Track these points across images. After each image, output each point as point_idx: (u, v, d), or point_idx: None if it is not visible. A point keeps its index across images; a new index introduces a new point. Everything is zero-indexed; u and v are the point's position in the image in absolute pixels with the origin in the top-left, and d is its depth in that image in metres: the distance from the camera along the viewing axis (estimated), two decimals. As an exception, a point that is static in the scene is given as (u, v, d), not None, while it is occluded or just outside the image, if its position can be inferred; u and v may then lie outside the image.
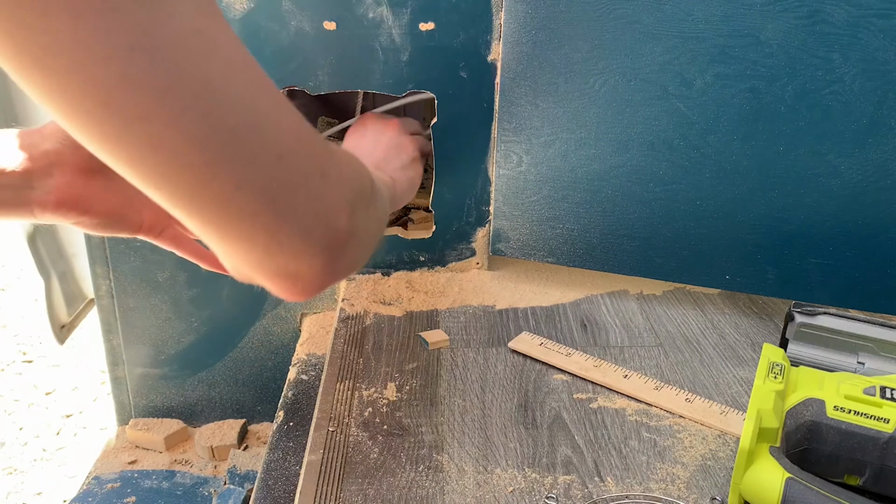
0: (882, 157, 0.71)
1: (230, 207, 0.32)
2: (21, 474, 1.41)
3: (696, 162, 0.76)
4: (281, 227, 0.34)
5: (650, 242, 0.81)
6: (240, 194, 0.31)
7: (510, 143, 0.81)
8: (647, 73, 0.73)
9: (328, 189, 0.36)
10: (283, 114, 0.33)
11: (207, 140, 0.29)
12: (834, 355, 0.63)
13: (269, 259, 0.35)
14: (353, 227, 0.38)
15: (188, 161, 0.29)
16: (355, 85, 0.79)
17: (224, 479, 0.85)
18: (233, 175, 0.31)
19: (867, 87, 0.69)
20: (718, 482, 0.56)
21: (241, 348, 0.94)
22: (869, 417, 0.52)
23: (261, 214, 0.33)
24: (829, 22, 0.67)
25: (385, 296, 0.85)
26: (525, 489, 0.55)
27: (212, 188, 0.31)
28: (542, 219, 0.83)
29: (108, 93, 0.27)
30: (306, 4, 0.75)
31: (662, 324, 0.79)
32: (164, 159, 0.29)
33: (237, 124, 0.30)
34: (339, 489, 0.55)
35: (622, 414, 0.64)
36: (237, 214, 0.32)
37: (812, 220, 0.75)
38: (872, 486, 0.53)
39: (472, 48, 0.78)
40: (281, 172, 0.33)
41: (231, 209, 0.32)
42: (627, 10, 0.72)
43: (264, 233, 0.34)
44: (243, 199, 0.32)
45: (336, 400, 0.66)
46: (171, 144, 0.29)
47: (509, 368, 0.71)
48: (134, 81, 0.27)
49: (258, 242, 0.34)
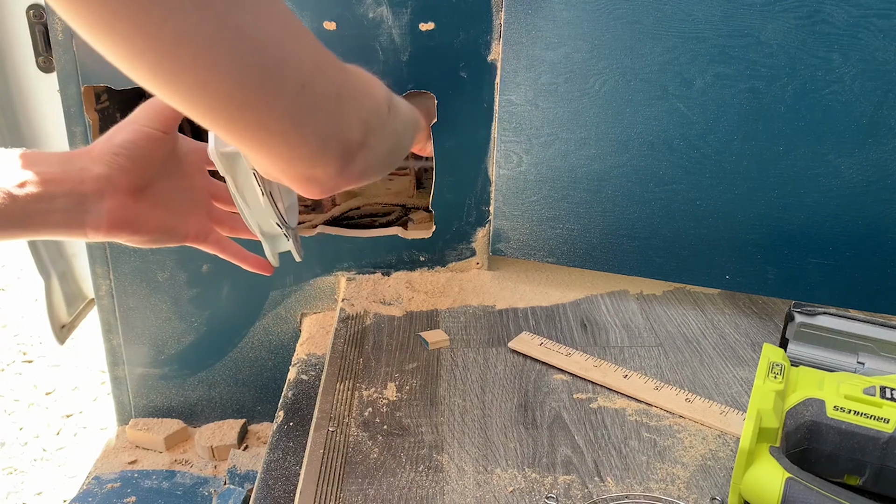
0: (882, 157, 0.71)
1: (261, 129, 0.38)
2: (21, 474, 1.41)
3: (696, 162, 0.76)
4: (302, 142, 0.40)
5: (650, 242, 0.81)
6: (269, 119, 0.38)
7: (510, 143, 0.81)
8: (647, 73, 0.73)
9: (343, 109, 0.42)
10: (305, 47, 0.39)
11: (244, 79, 0.35)
12: (834, 355, 0.63)
13: (291, 166, 0.42)
14: (365, 139, 0.45)
15: (229, 96, 0.36)
16: (355, 85, 0.79)
17: (224, 479, 0.85)
18: (264, 105, 0.37)
19: (867, 87, 0.69)
20: (718, 482, 0.56)
21: (241, 348, 0.94)
22: (869, 417, 0.52)
23: (286, 133, 0.39)
24: (829, 22, 0.67)
25: (385, 296, 0.85)
26: (525, 489, 0.55)
27: (246, 116, 0.37)
28: (542, 219, 0.83)
29: (165, 46, 0.33)
30: (306, 4, 0.75)
31: (662, 324, 0.79)
32: (210, 95, 0.36)
33: (267, 63, 0.36)
34: (339, 489, 0.55)
35: (622, 414, 0.64)
36: (266, 134, 0.39)
37: (812, 220, 0.75)
38: (872, 486, 0.53)
39: (472, 48, 0.78)
40: (303, 99, 0.39)
41: (261, 131, 0.39)
42: (627, 10, 0.72)
43: (287, 147, 0.40)
44: (273, 122, 0.38)
45: (336, 400, 0.66)
46: (215, 85, 0.35)
47: (509, 368, 0.71)
48: (185, 35, 0.33)
49: (283, 154, 0.41)
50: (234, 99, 0.36)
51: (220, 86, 0.36)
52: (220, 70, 0.35)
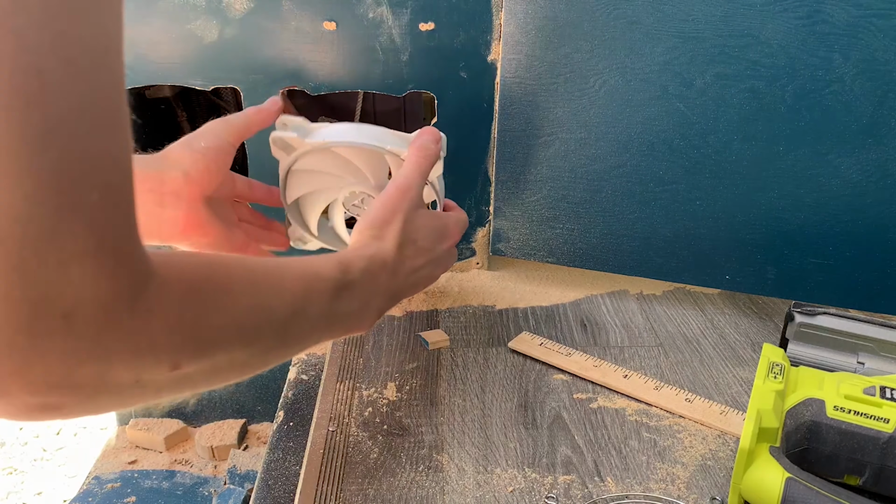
0: (882, 157, 0.71)
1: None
2: (21, 474, 1.42)
3: (696, 162, 0.76)
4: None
5: (650, 242, 0.81)
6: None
7: (510, 143, 0.81)
8: (647, 73, 0.73)
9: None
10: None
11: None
12: (834, 355, 0.63)
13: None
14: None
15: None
16: (355, 85, 0.79)
17: (224, 479, 0.85)
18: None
19: (867, 87, 0.69)
20: (718, 482, 0.56)
21: (241, 348, 0.94)
22: (869, 417, 0.52)
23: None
24: (829, 22, 0.67)
25: (385, 296, 0.85)
26: (525, 489, 0.55)
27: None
28: (542, 219, 0.83)
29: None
30: (306, 4, 0.75)
31: (662, 324, 0.79)
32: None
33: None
34: (339, 489, 0.55)
35: (622, 414, 0.64)
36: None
37: (812, 220, 0.75)
38: (872, 486, 0.53)
39: (472, 48, 0.78)
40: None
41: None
42: (627, 10, 0.72)
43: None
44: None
45: (336, 400, 0.66)
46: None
47: (509, 368, 0.71)
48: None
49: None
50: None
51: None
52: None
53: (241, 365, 0.40)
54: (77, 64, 0.28)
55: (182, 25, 0.76)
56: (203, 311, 0.36)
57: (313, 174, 0.69)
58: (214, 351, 0.37)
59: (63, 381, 0.29)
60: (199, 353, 0.36)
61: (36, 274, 0.27)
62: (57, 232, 0.28)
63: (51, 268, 0.28)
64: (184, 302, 0.34)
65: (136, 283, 0.31)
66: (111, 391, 0.32)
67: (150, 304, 0.32)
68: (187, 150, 0.60)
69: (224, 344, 0.37)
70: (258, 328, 0.40)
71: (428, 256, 0.59)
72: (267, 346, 0.41)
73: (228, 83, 0.78)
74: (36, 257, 0.27)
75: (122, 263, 0.30)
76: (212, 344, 0.36)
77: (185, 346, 0.35)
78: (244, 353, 0.39)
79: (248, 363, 0.41)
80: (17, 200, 0.26)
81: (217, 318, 0.37)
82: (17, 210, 0.27)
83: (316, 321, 0.46)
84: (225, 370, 0.39)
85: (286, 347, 0.44)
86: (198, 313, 0.35)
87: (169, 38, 0.76)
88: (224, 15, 0.75)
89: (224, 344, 0.37)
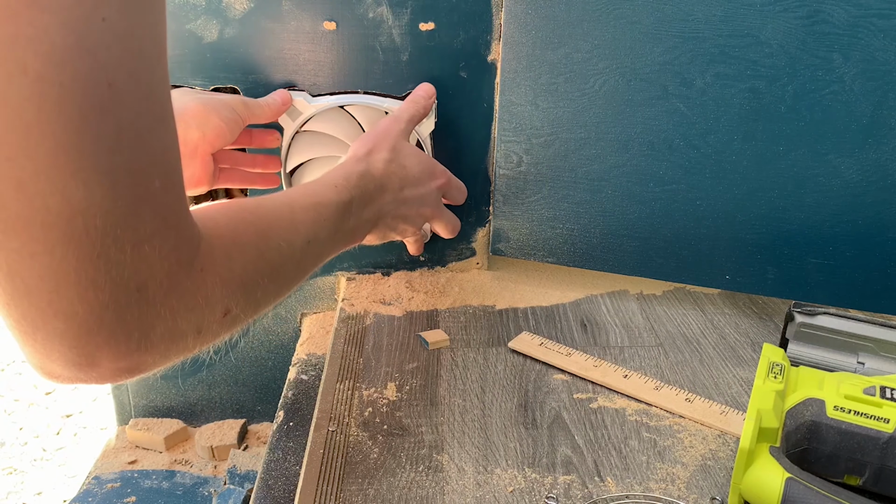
0: (882, 157, 0.71)
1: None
2: (21, 474, 1.42)
3: (696, 162, 0.76)
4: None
5: (650, 242, 0.81)
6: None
7: (510, 143, 0.81)
8: (647, 73, 0.73)
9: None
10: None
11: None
12: (834, 355, 0.63)
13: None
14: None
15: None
16: (355, 85, 0.79)
17: (224, 479, 0.85)
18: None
19: (867, 87, 0.69)
20: (718, 482, 0.56)
21: (241, 348, 0.94)
22: (869, 417, 0.52)
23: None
24: (829, 22, 0.67)
25: (385, 296, 0.85)
26: (525, 489, 0.55)
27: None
28: (542, 219, 0.83)
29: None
30: (306, 4, 0.75)
31: (662, 324, 0.79)
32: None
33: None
34: (339, 489, 0.55)
35: (622, 414, 0.64)
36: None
37: (812, 220, 0.75)
38: (872, 486, 0.53)
39: (472, 48, 0.78)
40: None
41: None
42: (627, 10, 0.72)
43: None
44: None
45: (336, 400, 0.66)
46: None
47: (509, 368, 0.71)
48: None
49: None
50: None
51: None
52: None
53: (273, 297, 0.46)
54: (139, 74, 0.32)
55: (182, 25, 0.76)
56: (245, 260, 0.41)
57: (316, 139, 0.78)
58: (255, 290, 0.42)
59: (141, 343, 0.34)
60: (245, 296, 0.41)
61: (116, 258, 0.31)
62: (131, 220, 0.31)
63: (128, 250, 0.32)
64: (229, 255, 0.40)
65: (191, 248, 0.36)
66: (178, 344, 0.37)
67: (202, 263, 0.37)
68: (210, 114, 0.66)
69: (262, 283, 0.43)
70: (283, 264, 0.46)
71: (415, 186, 0.66)
72: (289, 277, 0.48)
73: (228, 83, 0.78)
74: (115, 244, 0.31)
75: (180, 235, 0.35)
76: (254, 286, 0.42)
77: (234, 292, 0.40)
78: (274, 287, 0.45)
79: (278, 293, 0.47)
80: (98, 197, 0.30)
81: (255, 263, 0.42)
82: (98, 205, 0.30)
83: (325, 244, 0.53)
84: (262, 305, 0.45)
85: (303, 273, 0.51)
86: (242, 262, 0.41)
87: (169, 38, 0.76)
88: (224, 15, 0.75)
89: (262, 283, 0.43)
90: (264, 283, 0.43)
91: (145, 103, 0.32)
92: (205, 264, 0.37)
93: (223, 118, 0.67)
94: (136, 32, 0.31)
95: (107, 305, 0.32)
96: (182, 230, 0.35)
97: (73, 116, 0.29)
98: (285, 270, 0.47)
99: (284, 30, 0.76)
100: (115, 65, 0.30)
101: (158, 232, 0.33)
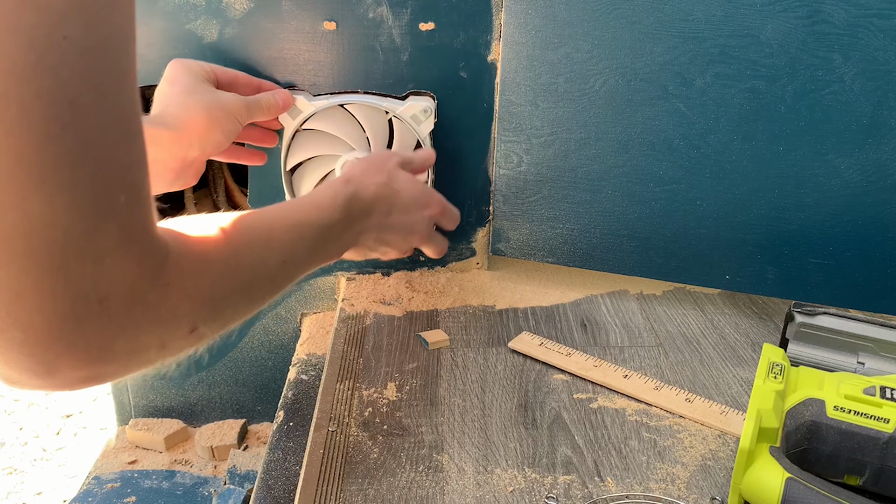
0: (882, 157, 0.71)
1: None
2: (21, 474, 1.42)
3: (696, 162, 0.76)
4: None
5: (650, 242, 0.81)
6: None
7: (510, 143, 0.81)
8: (647, 73, 0.73)
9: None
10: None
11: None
12: (834, 355, 0.63)
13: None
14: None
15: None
16: (355, 85, 0.79)
17: (224, 479, 0.85)
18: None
19: (867, 87, 0.69)
20: (718, 482, 0.56)
21: (241, 348, 0.94)
22: (869, 417, 0.52)
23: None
24: (829, 22, 0.67)
25: (385, 296, 0.85)
26: (525, 489, 0.55)
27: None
28: (542, 219, 0.83)
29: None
30: (306, 4, 0.75)
31: (662, 324, 0.79)
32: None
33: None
34: (339, 489, 0.55)
35: (622, 414, 0.64)
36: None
37: (812, 220, 0.75)
38: (872, 486, 0.53)
39: (472, 48, 0.78)
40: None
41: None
42: (627, 10, 0.72)
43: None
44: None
45: (336, 400, 0.66)
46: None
47: (509, 368, 0.71)
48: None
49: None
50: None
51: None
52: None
53: (242, 314, 0.46)
54: (104, 91, 0.31)
55: (182, 25, 0.76)
56: (214, 277, 0.41)
57: (316, 137, 0.79)
58: (224, 308, 0.42)
59: (101, 354, 0.34)
60: (213, 313, 0.41)
61: (76, 271, 0.31)
62: (93, 233, 0.32)
63: (89, 264, 0.32)
64: (198, 271, 0.39)
65: (156, 263, 0.35)
66: (140, 356, 0.36)
67: (168, 278, 0.36)
68: (213, 129, 0.67)
69: (232, 301, 0.43)
70: (256, 281, 0.46)
71: (404, 213, 0.65)
72: (262, 294, 0.48)
73: (228, 83, 0.78)
74: (76, 257, 0.31)
75: (145, 249, 0.34)
76: (223, 303, 0.42)
77: (201, 309, 0.39)
78: (245, 304, 0.45)
79: (248, 310, 0.47)
80: (59, 211, 0.30)
81: (226, 280, 0.42)
82: (58, 219, 0.30)
83: (301, 263, 0.52)
84: (231, 321, 0.44)
85: (276, 291, 0.50)
86: (211, 279, 0.40)
87: (169, 38, 0.76)
88: (224, 15, 0.75)
89: (232, 301, 0.43)
90: (234, 300, 0.43)
91: (110, 120, 0.32)
92: (171, 279, 0.36)
93: (225, 132, 0.68)
94: (101, 50, 0.31)
95: (66, 316, 0.32)
96: (146, 245, 0.35)
97: (34, 133, 0.29)
98: (257, 288, 0.46)
99: (284, 30, 0.76)
100: (78, 82, 0.30)
101: (121, 246, 0.33)
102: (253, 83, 0.75)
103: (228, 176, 0.97)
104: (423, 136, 0.78)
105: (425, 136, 0.79)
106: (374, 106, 0.78)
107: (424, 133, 0.78)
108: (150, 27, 0.76)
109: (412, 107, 0.77)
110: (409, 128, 0.78)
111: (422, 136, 0.78)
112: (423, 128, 0.78)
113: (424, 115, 0.77)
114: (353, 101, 0.78)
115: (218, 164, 0.97)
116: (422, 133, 0.78)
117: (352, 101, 0.78)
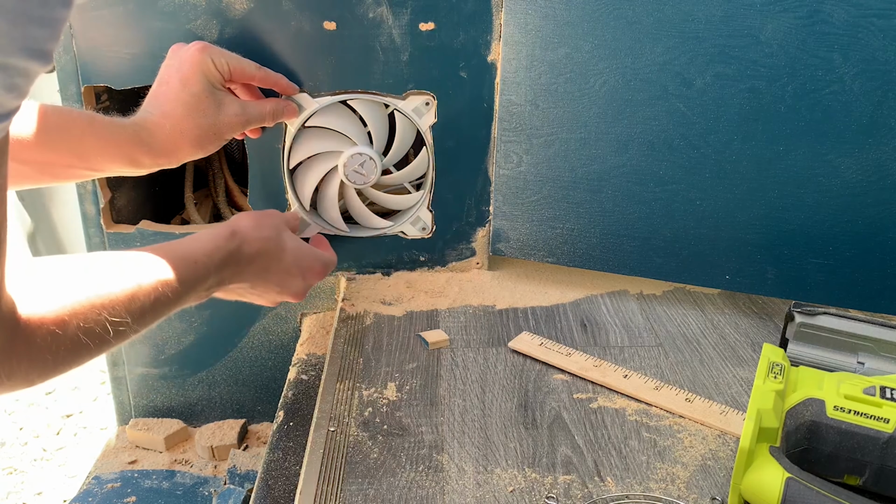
0: (882, 157, 0.71)
1: None
2: (21, 474, 1.42)
3: (696, 162, 0.76)
4: None
5: (650, 242, 0.81)
6: None
7: (510, 143, 0.81)
8: (647, 73, 0.73)
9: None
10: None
11: None
12: (834, 355, 0.63)
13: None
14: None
15: None
16: (355, 85, 0.79)
17: (224, 479, 0.85)
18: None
19: (867, 87, 0.69)
20: (718, 482, 0.56)
21: (241, 348, 0.94)
22: (869, 417, 0.52)
23: None
24: (829, 22, 0.67)
25: (385, 296, 0.85)
26: (525, 489, 0.55)
27: None
28: (542, 219, 0.83)
29: None
30: (306, 4, 0.75)
31: (662, 324, 0.79)
32: None
33: None
34: (339, 489, 0.55)
35: (622, 414, 0.64)
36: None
37: (812, 220, 0.75)
38: (872, 486, 0.53)
39: (472, 48, 0.78)
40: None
41: None
42: (627, 10, 0.72)
43: None
44: None
45: (336, 400, 0.66)
46: None
47: (509, 368, 0.71)
48: None
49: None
50: None
51: None
52: None
53: (93, 358, 0.46)
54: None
55: (182, 25, 0.76)
56: (67, 345, 0.42)
57: (318, 134, 0.80)
58: (70, 365, 0.43)
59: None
60: (74, 363, 0.43)
61: None
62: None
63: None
64: (47, 346, 0.40)
65: (6, 337, 0.37)
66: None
67: (17, 353, 0.38)
68: (195, 151, 0.69)
69: (81, 357, 0.44)
70: (109, 338, 0.46)
71: (283, 274, 0.66)
72: (115, 342, 0.47)
73: (228, 83, 0.78)
74: None
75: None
76: (86, 352, 0.43)
77: (48, 372, 0.41)
78: (95, 354, 0.45)
79: (98, 357, 0.47)
80: None
81: (78, 349, 0.43)
82: None
83: (163, 313, 0.53)
84: (78, 366, 0.45)
85: (135, 334, 0.50)
86: (72, 339, 0.42)
87: (169, 38, 0.76)
88: (224, 15, 0.75)
89: (81, 357, 0.44)
90: (98, 346, 0.44)
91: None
92: (19, 353, 0.38)
93: (209, 150, 0.71)
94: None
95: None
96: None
97: None
98: (112, 339, 0.46)
99: (284, 30, 0.76)
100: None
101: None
102: (269, 79, 0.75)
103: (229, 176, 0.97)
104: (425, 128, 0.79)
105: (426, 129, 0.79)
106: (375, 101, 0.79)
107: (426, 125, 0.79)
108: (150, 27, 0.76)
109: (413, 99, 0.78)
110: (409, 123, 0.79)
111: (423, 128, 0.79)
112: (425, 120, 0.79)
113: (426, 107, 0.78)
114: (352, 96, 0.79)
115: (218, 165, 0.97)
116: (423, 125, 0.79)
117: (350, 96, 0.79)
